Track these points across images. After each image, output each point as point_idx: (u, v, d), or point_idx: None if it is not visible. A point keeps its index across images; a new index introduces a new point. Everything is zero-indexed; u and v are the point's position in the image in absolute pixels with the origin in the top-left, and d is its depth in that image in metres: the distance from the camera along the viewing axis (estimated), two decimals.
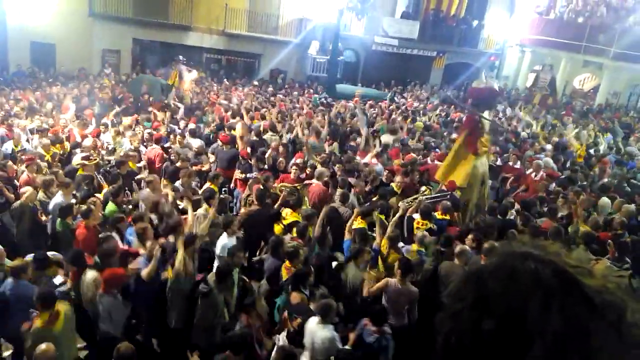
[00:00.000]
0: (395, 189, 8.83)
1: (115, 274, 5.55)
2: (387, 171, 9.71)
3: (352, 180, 8.84)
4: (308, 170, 9.12)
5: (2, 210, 7.63)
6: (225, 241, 6.56)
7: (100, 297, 5.45)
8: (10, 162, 8.56)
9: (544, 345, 0.77)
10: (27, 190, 7.33)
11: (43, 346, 4.29)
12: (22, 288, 5.39)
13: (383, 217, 7.37)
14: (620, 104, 22.31)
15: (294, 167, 9.06)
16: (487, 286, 0.86)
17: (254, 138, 10.82)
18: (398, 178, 9.05)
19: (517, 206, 8.74)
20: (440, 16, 24.70)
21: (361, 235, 6.63)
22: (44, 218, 7.41)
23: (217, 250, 6.61)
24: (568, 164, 12.12)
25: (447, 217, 7.92)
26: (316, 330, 4.90)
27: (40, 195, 7.58)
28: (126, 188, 8.03)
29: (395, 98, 19.16)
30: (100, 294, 5.46)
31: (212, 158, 10.32)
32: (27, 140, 10.28)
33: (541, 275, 0.83)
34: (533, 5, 24.63)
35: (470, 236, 6.84)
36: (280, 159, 9.81)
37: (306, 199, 8.26)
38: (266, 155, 9.65)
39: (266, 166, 9.47)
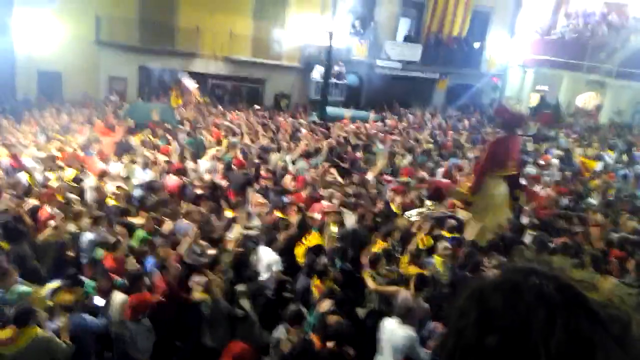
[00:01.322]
0: (394, 209, 8.84)
1: (142, 300, 5.49)
2: (392, 191, 9.74)
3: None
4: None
5: (23, 239, 7.43)
6: (270, 257, 6.81)
7: (126, 323, 5.41)
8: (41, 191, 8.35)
9: (548, 359, 0.76)
10: (50, 227, 7.15)
11: None
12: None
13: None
14: (625, 122, 22.36)
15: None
16: (490, 302, 0.86)
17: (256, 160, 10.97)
18: (397, 199, 9.06)
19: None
20: (442, 38, 25.00)
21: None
22: (71, 254, 7.20)
23: (263, 264, 6.80)
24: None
25: (456, 235, 7.90)
26: (396, 329, 5.09)
27: (72, 227, 7.40)
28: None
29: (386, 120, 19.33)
30: (127, 320, 5.41)
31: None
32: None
33: (545, 291, 0.83)
34: (534, 26, 24.92)
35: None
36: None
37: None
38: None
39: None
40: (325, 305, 5.39)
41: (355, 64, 24.13)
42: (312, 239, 7.30)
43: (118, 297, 5.65)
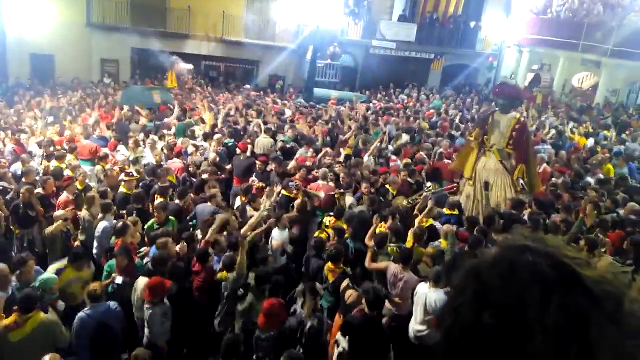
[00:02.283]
0: (390, 190, 8.89)
1: (160, 283, 5.55)
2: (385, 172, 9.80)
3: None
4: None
5: (32, 224, 7.62)
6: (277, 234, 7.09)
7: (145, 306, 5.49)
8: (51, 180, 8.21)
9: (544, 336, 0.77)
10: (59, 218, 7.16)
11: None
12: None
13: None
14: (620, 102, 22.27)
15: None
16: (486, 280, 0.86)
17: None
18: (392, 179, 9.15)
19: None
20: (437, 18, 24.75)
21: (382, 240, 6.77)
22: (76, 244, 7.25)
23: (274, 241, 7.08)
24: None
25: (456, 213, 8.00)
26: (428, 292, 5.59)
27: (85, 214, 7.45)
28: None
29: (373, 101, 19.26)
30: (145, 302, 5.49)
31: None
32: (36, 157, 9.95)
33: (539, 268, 0.83)
34: (530, 6, 24.65)
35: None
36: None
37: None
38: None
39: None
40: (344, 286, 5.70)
41: (350, 45, 23.92)
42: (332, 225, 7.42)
43: (141, 280, 5.77)
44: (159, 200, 7.84)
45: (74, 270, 6.08)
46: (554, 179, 10.14)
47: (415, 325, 5.80)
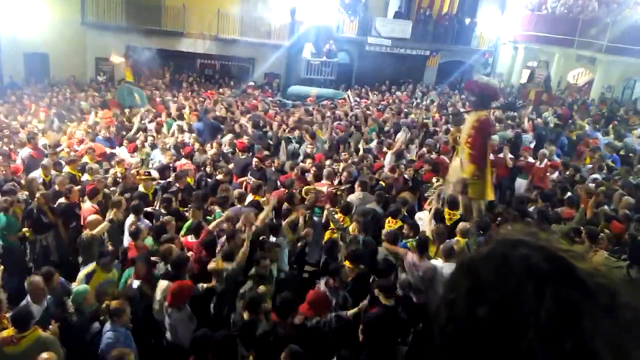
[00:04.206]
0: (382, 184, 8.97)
1: (183, 287, 5.47)
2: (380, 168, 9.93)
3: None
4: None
5: (46, 231, 7.51)
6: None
7: (167, 310, 5.41)
8: (75, 188, 7.94)
9: (537, 329, 0.77)
10: (94, 222, 6.96)
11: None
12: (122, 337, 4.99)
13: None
14: (614, 97, 22.33)
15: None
16: (479, 274, 0.86)
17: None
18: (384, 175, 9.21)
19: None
20: (432, 15, 24.75)
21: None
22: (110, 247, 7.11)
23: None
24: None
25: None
26: (443, 266, 5.94)
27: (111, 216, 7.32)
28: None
29: (353, 97, 19.28)
30: (167, 306, 5.41)
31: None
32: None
33: (533, 261, 0.83)
34: (525, 2, 24.69)
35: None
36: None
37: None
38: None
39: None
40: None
41: (345, 42, 23.91)
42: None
43: (161, 283, 5.69)
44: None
45: (102, 272, 5.97)
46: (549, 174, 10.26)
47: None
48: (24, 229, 7.56)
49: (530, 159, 11.11)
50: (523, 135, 13.19)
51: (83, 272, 6.09)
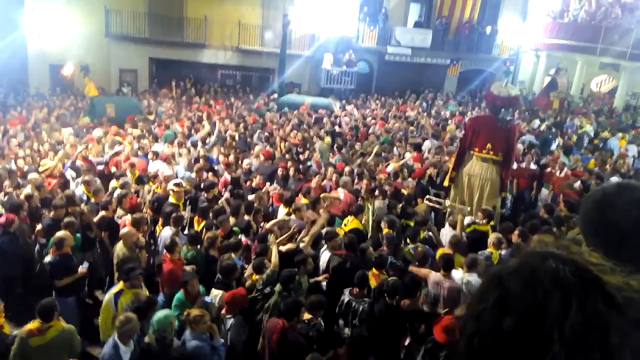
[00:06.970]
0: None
1: (237, 295, 5.61)
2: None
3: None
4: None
5: (92, 246, 7.39)
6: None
7: (224, 318, 5.59)
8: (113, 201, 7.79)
9: (564, 343, 0.76)
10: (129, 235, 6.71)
11: None
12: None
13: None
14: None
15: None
16: (507, 287, 0.86)
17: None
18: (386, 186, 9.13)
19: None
20: (452, 23, 24.69)
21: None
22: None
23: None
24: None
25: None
26: (463, 277, 5.98)
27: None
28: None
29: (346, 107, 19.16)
30: (223, 314, 5.58)
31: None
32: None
33: (561, 274, 0.82)
34: (546, 9, 24.50)
35: (516, 232, 7.12)
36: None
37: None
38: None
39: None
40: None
41: (365, 52, 23.97)
42: (351, 224, 7.46)
43: (214, 293, 5.81)
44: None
45: (129, 290, 5.59)
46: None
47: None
48: None
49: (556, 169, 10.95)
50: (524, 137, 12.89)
51: (111, 292, 5.69)
